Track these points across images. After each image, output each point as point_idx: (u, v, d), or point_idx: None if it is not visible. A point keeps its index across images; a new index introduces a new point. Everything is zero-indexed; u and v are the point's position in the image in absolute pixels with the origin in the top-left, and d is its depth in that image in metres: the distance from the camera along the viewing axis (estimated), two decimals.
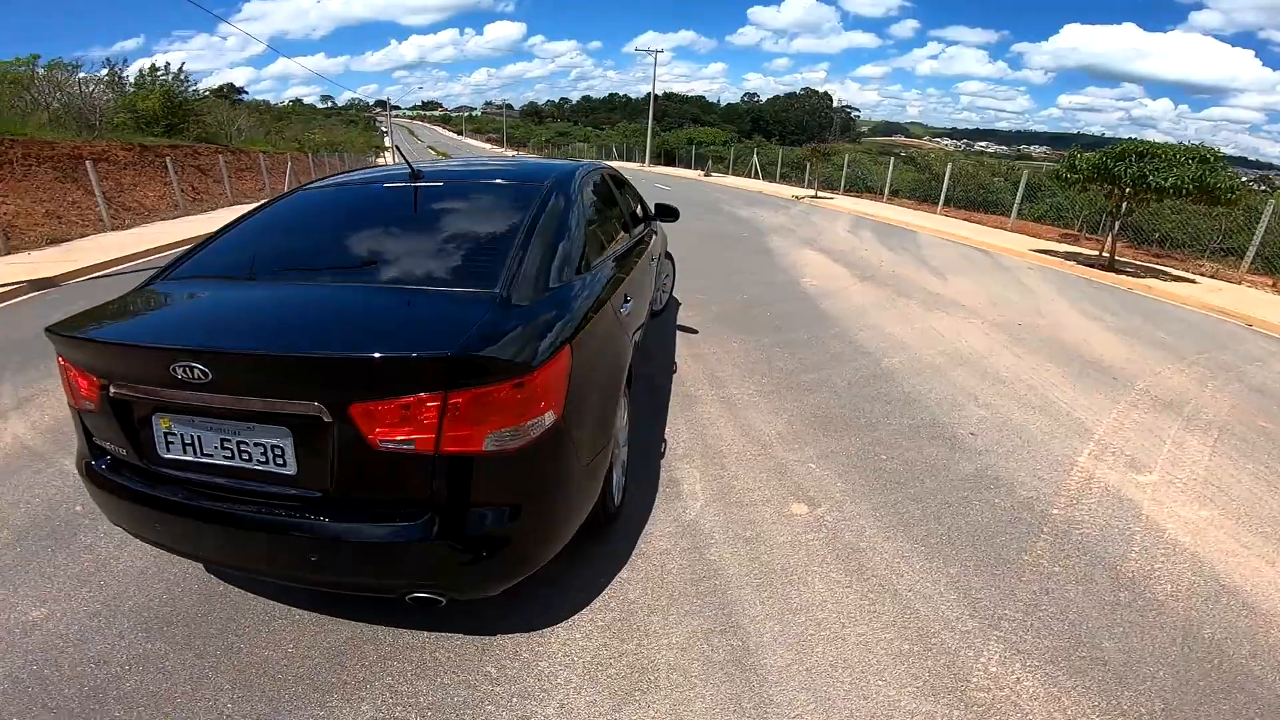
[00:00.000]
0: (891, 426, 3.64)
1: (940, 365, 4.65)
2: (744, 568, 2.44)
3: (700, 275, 7.44)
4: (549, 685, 1.91)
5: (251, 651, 2.02)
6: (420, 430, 1.57)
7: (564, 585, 2.30)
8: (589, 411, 2.06)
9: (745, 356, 4.73)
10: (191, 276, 2.25)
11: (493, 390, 1.60)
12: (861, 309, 6.12)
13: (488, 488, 1.69)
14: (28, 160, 14.56)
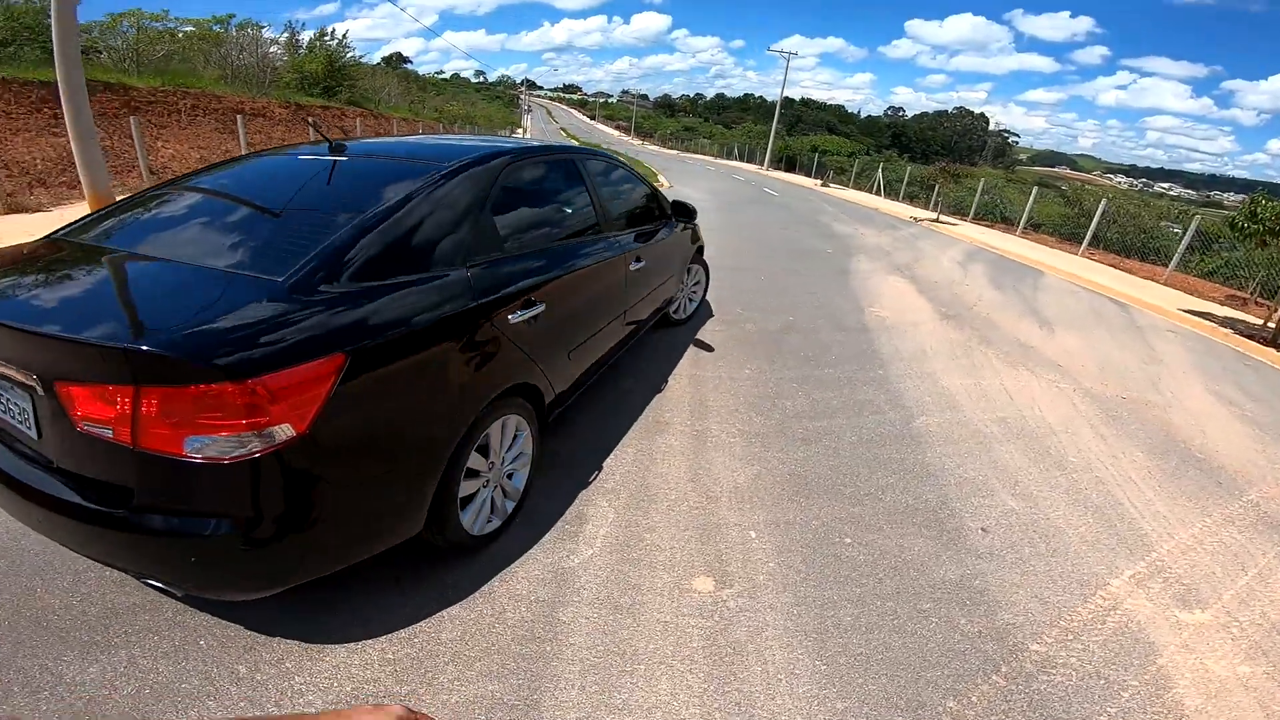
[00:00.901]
0: (882, 503, 2.99)
1: (988, 435, 3.84)
2: (592, 640, 2.05)
3: (753, 289, 6.86)
4: (283, 704, 1.74)
5: (39, 599, 2.04)
6: (118, 421, 1.48)
7: (380, 604, 2.10)
8: (391, 431, 1.81)
9: (751, 388, 4.18)
10: (77, 234, 2.17)
11: (191, 391, 1.44)
12: (923, 353, 5.29)
13: (195, 493, 1.54)
14: (195, 111, 16.30)
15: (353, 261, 1.85)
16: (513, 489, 2.57)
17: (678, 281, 4.76)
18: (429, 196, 2.16)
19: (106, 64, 17.13)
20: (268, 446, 1.51)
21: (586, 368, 3.11)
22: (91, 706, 1.71)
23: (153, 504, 1.55)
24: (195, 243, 2.07)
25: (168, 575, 1.68)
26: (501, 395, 2.28)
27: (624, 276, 3.41)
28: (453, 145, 2.81)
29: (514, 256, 2.45)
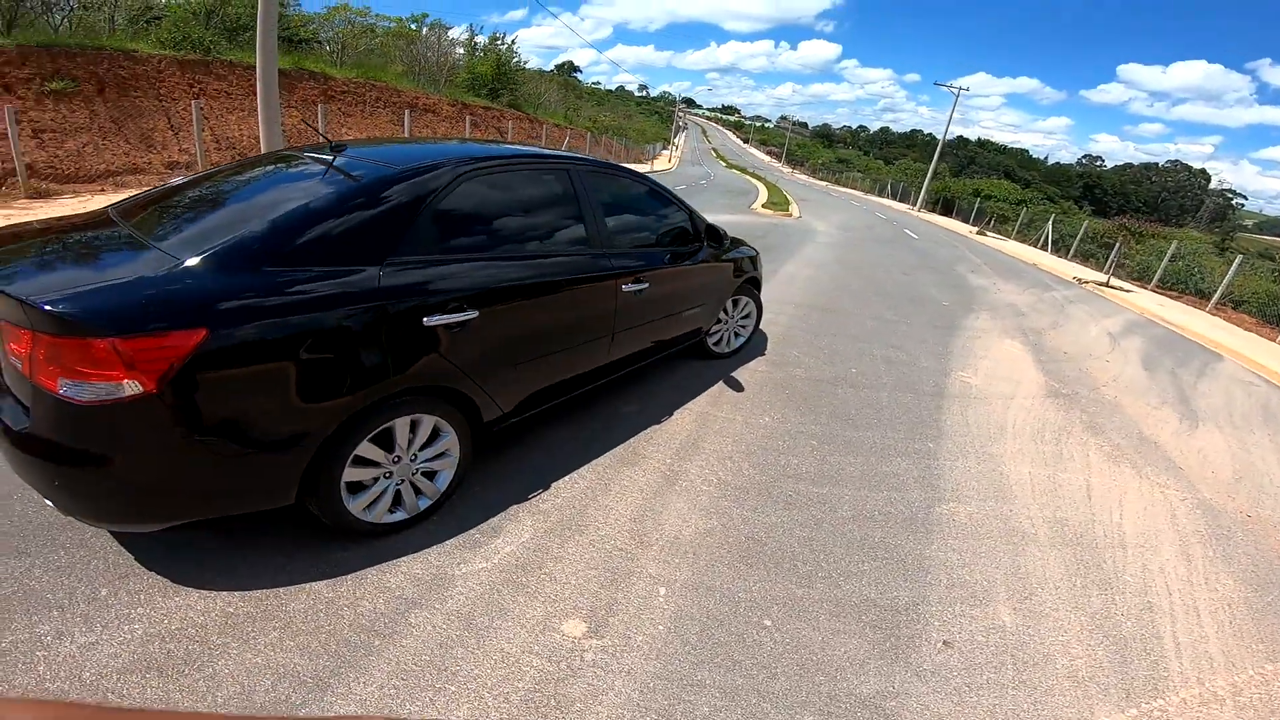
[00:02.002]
0: (837, 591, 2.59)
1: (1027, 536, 3.20)
2: (423, 648, 2.04)
3: (826, 331, 6.35)
4: (102, 631, 1.86)
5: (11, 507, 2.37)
6: (26, 357, 1.74)
7: (259, 563, 2.29)
8: (240, 404, 1.91)
9: (760, 437, 3.83)
10: (117, 209, 2.48)
11: (60, 342, 1.68)
12: (999, 431, 4.56)
13: (68, 427, 1.76)
14: (378, 102, 18.31)
15: (259, 252, 1.99)
16: (431, 488, 2.57)
17: (713, 312, 4.49)
18: (358, 199, 2.24)
19: (321, 54, 19.76)
20: (118, 398, 1.71)
21: (548, 385, 3.00)
22: None
23: (39, 430, 1.80)
24: (163, 223, 2.28)
25: (46, 492, 1.88)
26: (407, 393, 2.28)
27: (613, 298, 3.24)
28: (430, 150, 2.83)
29: (445, 262, 2.41)
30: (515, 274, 2.66)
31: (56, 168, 9.57)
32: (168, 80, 12.05)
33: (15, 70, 9.62)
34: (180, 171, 11.04)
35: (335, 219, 2.16)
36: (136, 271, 1.88)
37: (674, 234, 3.89)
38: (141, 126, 11.21)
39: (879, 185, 53.05)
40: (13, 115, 8.44)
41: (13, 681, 1.73)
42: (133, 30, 14.41)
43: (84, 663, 1.81)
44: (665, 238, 3.81)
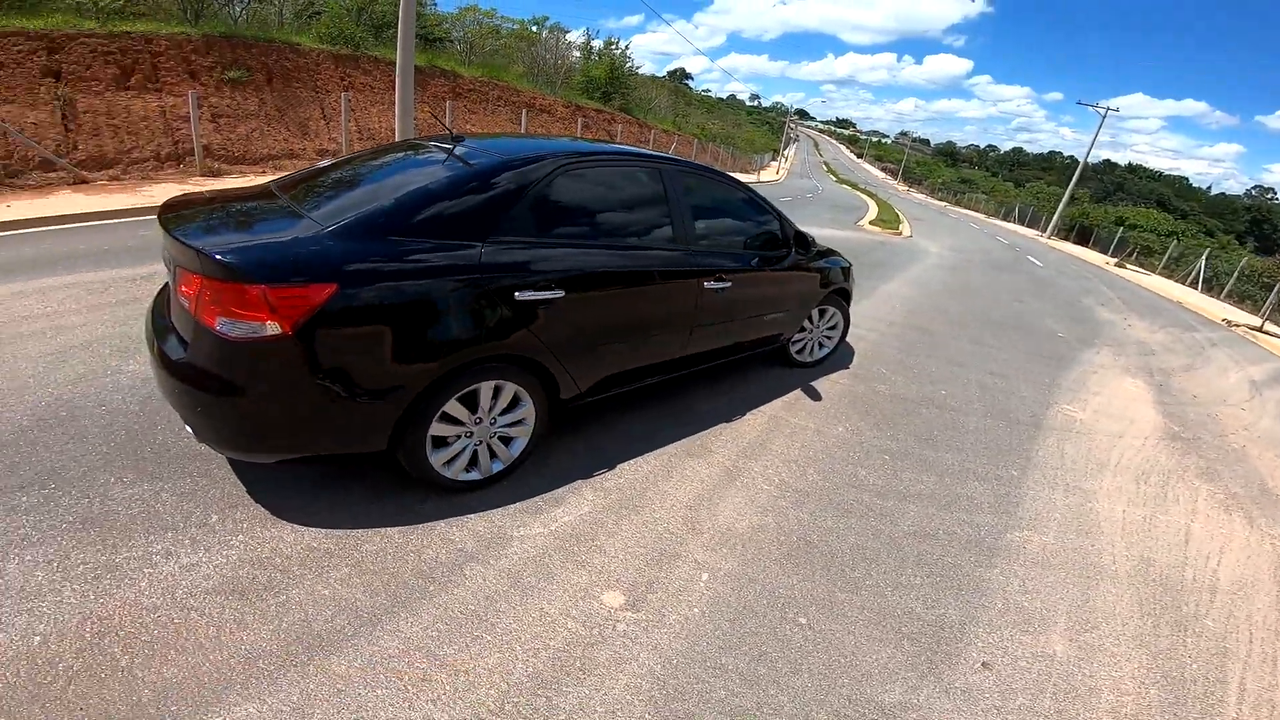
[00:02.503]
0: (881, 600, 2.54)
1: (1104, 572, 2.97)
2: (470, 598, 2.21)
3: (919, 352, 6.10)
4: (206, 552, 2.14)
5: (154, 435, 2.80)
6: (193, 297, 2.09)
7: (351, 506, 2.55)
8: (356, 354, 2.17)
9: (831, 446, 3.78)
10: (278, 183, 2.89)
11: (223, 286, 2.01)
12: (1099, 467, 4.21)
13: (217, 359, 2.08)
14: (499, 100, 19.37)
15: (384, 224, 2.28)
16: (505, 453, 2.76)
17: (796, 320, 4.46)
18: (468, 184, 2.50)
19: (452, 52, 21.18)
20: (261, 336, 2.02)
21: (624, 370, 3.13)
22: (103, 516, 2.32)
23: (194, 359, 2.13)
24: (311, 196, 2.63)
25: (188, 417, 2.22)
26: (495, 360, 2.49)
27: (695, 294, 3.32)
28: (535, 144, 3.08)
29: (539, 245, 2.62)
30: (601, 261, 2.82)
31: (228, 150, 10.93)
32: (323, 73, 13.39)
33: (200, 58, 11.06)
34: (330, 158, 12.25)
35: (448, 200, 2.43)
36: (286, 234, 2.23)
37: (762, 239, 3.93)
38: (299, 115, 12.55)
39: (1004, 208, 49.55)
40: (195, 100, 9.75)
41: (114, 594, 2.01)
42: (297, 24, 16.09)
43: (180, 581, 2.10)
44: (752, 241, 3.86)
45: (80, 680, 1.74)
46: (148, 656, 1.83)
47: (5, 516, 2.24)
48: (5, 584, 1.99)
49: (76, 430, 2.79)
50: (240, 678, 1.80)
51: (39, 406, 2.93)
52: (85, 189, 8.44)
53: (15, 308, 4.08)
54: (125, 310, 4.26)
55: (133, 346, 3.69)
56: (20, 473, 2.47)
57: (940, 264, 13.17)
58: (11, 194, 7.75)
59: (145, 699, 1.71)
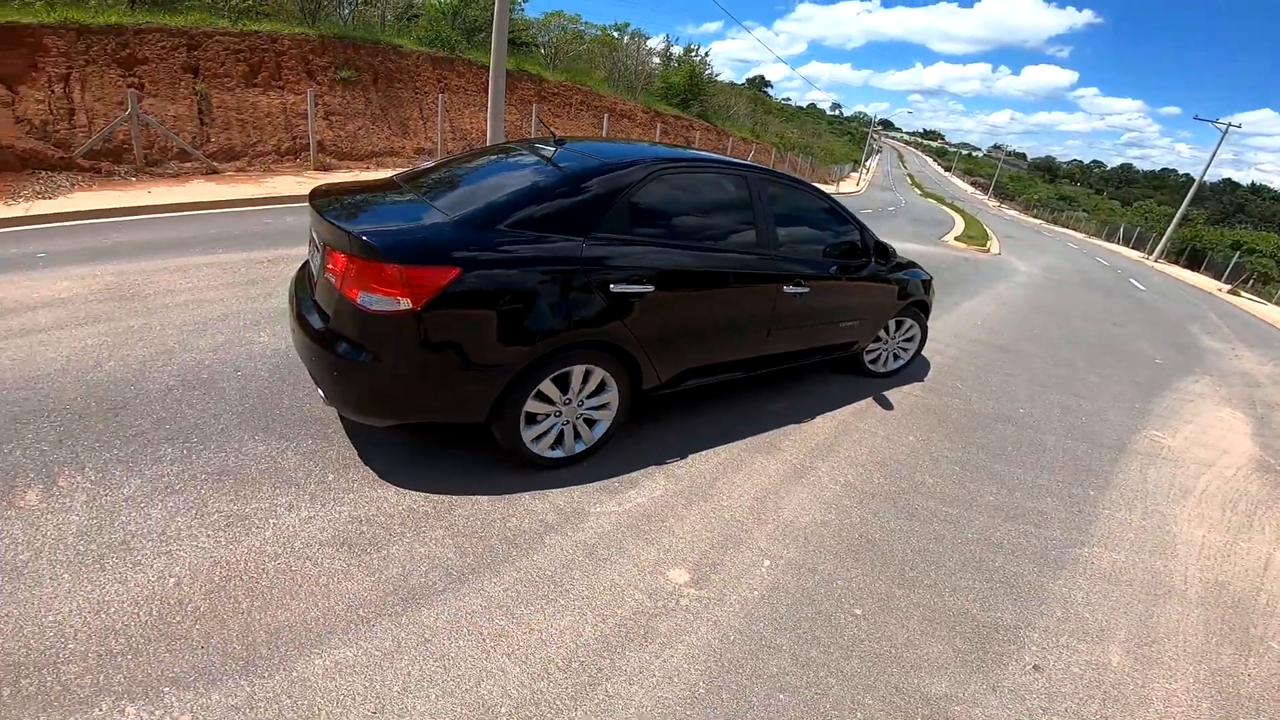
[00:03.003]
0: (940, 601, 2.59)
1: (1171, 591, 2.86)
2: (547, 564, 2.41)
3: (998, 369, 5.94)
4: (321, 507, 2.46)
5: (282, 398, 3.19)
6: (339, 274, 2.39)
7: (449, 474, 2.82)
8: (470, 331, 2.43)
9: (900, 453, 3.79)
10: (404, 178, 3.23)
11: (366, 265, 2.31)
12: (1183, 493, 4.00)
13: (355, 329, 2.38)
14: (581, 105, 19.93)
15: (498, 217, 2.55)
16: (588, 434, 2.98)
17: (872, 329, 4.49)
18: (572, 184, 2.75)
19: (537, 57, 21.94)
20: (393, 310, 2.30)
21: (703, 365, 3.29)
22: (236, 470, 2.64)
23: (334, 329, 2.43)
24: (435, 189, 2.94)
25: (322, 380, 2.53)
26: (587, 345, 2.71)
27: (774, 297, 3.45)
28: (631, 149, 3.31)
29: (633, 242, 2.82)
30: (689, 261, 3.01)
31: (338, 146, 11.84)
32: (421, 74, 14.24)
33: (316, 58, 12.02)
34: (426, 157, 13.04)
35: (555, 198, 2.69)
36: (418, 222, 2.55)
37: (841, 247, 4.00)
38: (400, 115, 13.41)
39: (1107, 228, 46.39)
40: (313, 99, 10.62)
41: (242, 542, 2.26)
42: (397, 26, 17.12)
43: (299, 533, 2.35)
44: (832, 250, 3.94)
45: (205, 621, 1.93)
46: (266, 601, 2.03)
47: (151, 465, 2.59)
48: (149, 527, 2.26)
49: (216, 392, 3.20)
50: (342, 624, 1.99)
51: (183, 369, 3.38)
52: (216, 179, 9.38)
53: (161, 282, 4.67)
54: (255, 289, 4.77)
55: (263, 320, 4.16)
56: (166, 427, 2.85)
57: (1029, 284, 12.59)
58: (152, 181, 8.73)
59: (259, 640, 1.90)
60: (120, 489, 2.43)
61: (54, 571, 2.04)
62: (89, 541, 2.17)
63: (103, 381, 3.15)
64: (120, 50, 9.57)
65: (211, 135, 10.16)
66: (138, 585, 2.03)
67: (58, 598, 1.94)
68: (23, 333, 3.59)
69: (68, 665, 1.76)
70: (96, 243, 5.61)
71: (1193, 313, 14.39)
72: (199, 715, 1.68)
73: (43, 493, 2.36)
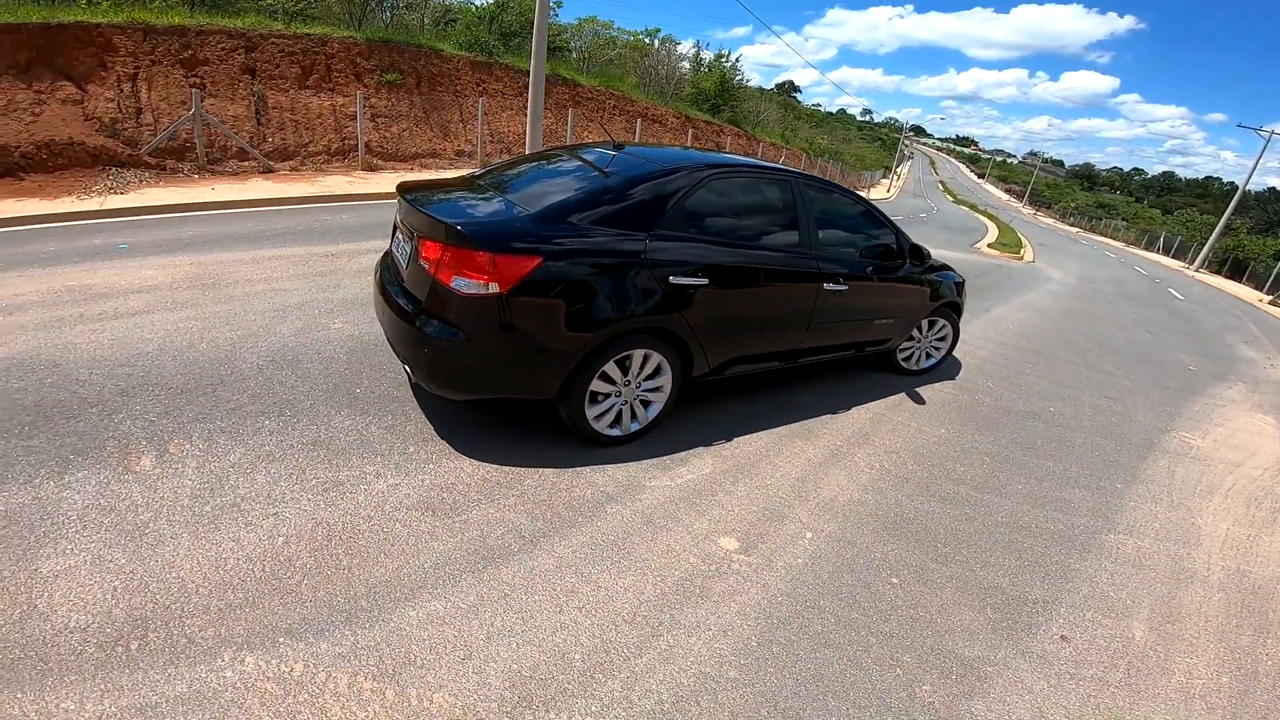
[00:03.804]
0: (972, 575, 2.78)
1: (1194, 576, 3.02)
2: (610, 529, 2.66)
3: (1029, 371, 6.06)
4: (404, 473, 2.70)
5: (363, 379, 3.47)
6: (433, 261, 2.65)
7: (517, 449, 3.06)
8: (548, 314, 2.68)
9: (931, 444, 3.98)
10: (480, 176, 3.53)
11: (460, 252, 2.58)
12: (1209, 489, 4.09)
13: (450, 310, 2.63)
14: (614, 109, 20.21)
15: (570, 213, 2.82)
16: (643, 415, 3.23)
17: (905, 327, 4.68)
18: (636, 185, 3.01)
19: (570, 61, 22.31)
20: (484, 294, 2.54)
21: (748, 354, 3.54)
22: (328, 441, 2.90)
23: (425, 311, 2.70)
24: (511, 186, 3.22)
25: (412, 358, 2.79)
26: (647, 331, 2.97)
27: (814, 294, 3.68)
28: (687, 155, 3.61)
29: (690, 239, 3.08)
30: (739, 258, 3.27)
31: (384, 147, 12.30)
32: (462, 78, 14.67)
33: (364, 61, 12.50)
34: (466, 159, 13.45)
35: (622, 197, 2.95)
36: (502, 214, 2.83)
37: (879, 250, 4.23)
38: (441, 118, 13.85)
39: (1146, 237, 45.37)
40: (362, 101, 11.08)
41: (339, 505, 2.49)
42: (435, 31, 17.59)
43: (389, 497, 2.59)
44: (870, 251, 4.18)
45: (312, 576, 2.12)
46: (364, 558, 2.24)
47: (253, 436, 2.86)
48: (256, 491, 2.48)
49: (301, 372, 3.51)
50: (431, 580, 2.20)
51: (271, 350, 3.70)
52: (272, 177, 9.86)
53: (239, 272, 5.04)
54: (325, 280, 5.12)
55: (336, 309, 4.50)
56: (262, 401, 3.15)
57: (1063, 291, 12.53)
58: (213, 179, 9.22)
59: (359, 593, 2.09)
60: (227, 456, 2.69)
61: (174, 531, 2.23)
62: (203, 504, 2.39)
63: (198, 360, 3.47)
64: (183, 51, 10.10)
65: (267, 135, 10.67)
66: (250, 544, 2.23)
67: (179, 556, 2.13)
68: (116, 315, 3.94)
69: (191, 619, 1.91)
70: (171, 235, 6.02)
71: (1231, 323, 14.13)
72: (310, 663, 1.83)
73: (156, 459, 2.62)
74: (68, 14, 9.30)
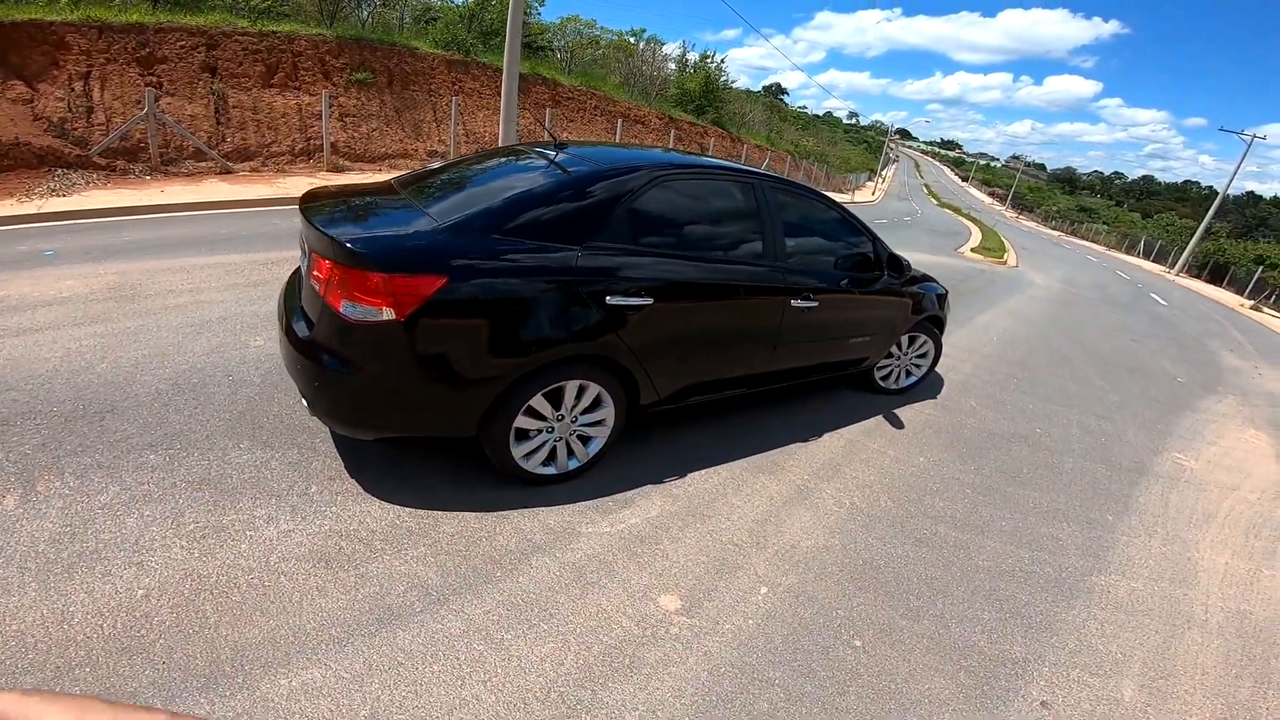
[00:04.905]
0: (946, 633, 2.45)
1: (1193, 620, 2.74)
2: (533, 587, 2.26)
3: (1014, 387, 5.78)
4: (303, 519, 2.34)
5: (268, 405, 3.10)
6: (324, 281, 2.28)
7: (435, 489, 2.69)
8: (457, 343, 2.31)
9: (909, 475, 3.66)
10: (402, 181, 3.12)
11: (350, 273, 2.20)
12: (1205, 518, 3.81)
13: (338, 338, 2.27)
14: (596, 110, 19.90)
15: (491, 223, 2.44)
16: (582, 451, 2.86)
17: (883, 344, 4.34)
18: (568, 190, 2.63)
19: (553, 61, 21.95)
20: (376, 320, 2.17)
21: (704, 381, 3.17)
22: (217, 479, 2.56)
23: (316, 338, 2.33)
24: (427, 194, 2.82)
25: (306, 391, 2.43)
26: (581, 360, 2.60)
27: (780, 311, 3.31)
28: (633, 154, 3.21)
29: (632, 252, 2.70)
30: (691, 272, 2.88)
31: (351, 148, 11.86)
32: (436, 77, 14.26)
33: (334, 59, 12.06)
34: (439, 160, 13.04)
35: (550, 205, 2.57)
36: (406, 229, 2.41)
37: (854, 260, 3.85)
38: (414, 117, 13.43)
39: (1127, 241, 45.76)
40: (328, 100, 10.65)
41: (216, 555, 2.17)
42: (415, 29, 17.17)
43: (276, 545, 2.26)
44: (844, 262, 3.79)
45: (170, 634, 1.86)
46: (235, 616, 1.95)
47: (133, 473, 2.51)
48: (122, 536, 2.18)
49: (205, 397, 3.13)
50: (313, 643, 1.91)
51: (175, 373, 3.31)
52: (229, 179, 9.42)
53: (164, 282, 4.63)
54: (257, 291, 4.72)
55: (260, 324, 4.11)
56: (151, 433, 2.78)
57: (1047, 297, 12.34)
58: (165, 180, 8.76)
59: (224, 657, 1.82)
60: (98, 496, 2.36)
61: (22, 580, 1.97)
62: (61, 549, 2.10)
63: (93, 384, 3.09)
64: (140, 49, 9.64)
65: (227, 135, 10.21)
66: (104, 596, 1.96)
67: (23, 607, 1.88)
68: (20, 332, 3.55)
69: (24, 678, 1.69)
70: (106, 241, 5.60)
71: (1213, 329, 14.06)
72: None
73: (20, 498, 2.30)
74: (22, 12, 8.83)
